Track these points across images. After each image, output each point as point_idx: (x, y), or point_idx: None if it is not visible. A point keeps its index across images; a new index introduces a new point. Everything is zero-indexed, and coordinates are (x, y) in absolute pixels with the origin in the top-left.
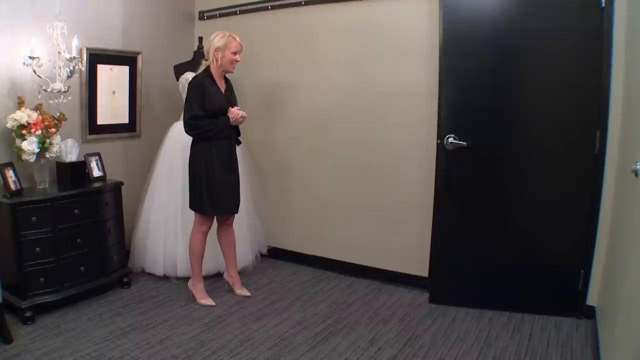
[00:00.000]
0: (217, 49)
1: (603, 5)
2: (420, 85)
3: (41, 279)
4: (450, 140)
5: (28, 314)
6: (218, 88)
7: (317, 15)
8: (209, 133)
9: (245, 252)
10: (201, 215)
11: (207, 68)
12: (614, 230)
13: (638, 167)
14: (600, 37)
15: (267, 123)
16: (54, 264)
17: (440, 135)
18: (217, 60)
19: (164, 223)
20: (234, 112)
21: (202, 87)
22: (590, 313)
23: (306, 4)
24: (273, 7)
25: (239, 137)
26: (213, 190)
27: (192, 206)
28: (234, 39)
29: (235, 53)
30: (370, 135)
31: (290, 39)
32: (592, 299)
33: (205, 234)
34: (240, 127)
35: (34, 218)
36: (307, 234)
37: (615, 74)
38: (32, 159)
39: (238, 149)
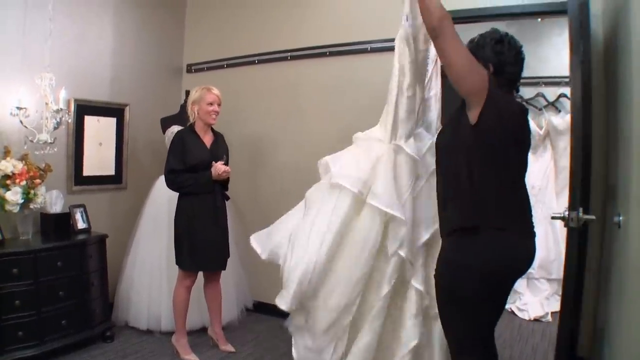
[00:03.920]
0: (193, 102)
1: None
2: None
3: (20, 332)
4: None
5: None
6: (201, 142)
7: (303, 69)
8: (188, 188)
9: (230, 306)
10: (184, 270)
11: (192, 123)
12: (600, 281)
13: (620, 219)
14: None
15: (253, 176)
16: (35, 317)
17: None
18: (194, 114)
19: (149, 276)
20: (217, 167)
21: (183, 141)
22: None
23: (292, 58)
24: (260, 61)
25: (226, 192)
26: (196, 247)
27: (177, 262)
28: (209, 91)
29: (211, 104)
30: None
31: (277, 93)
32: (581, 351)
33: (189, 288)
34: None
35: (15, 270)
36: None
37: (595, 124)
38: (16, 209)
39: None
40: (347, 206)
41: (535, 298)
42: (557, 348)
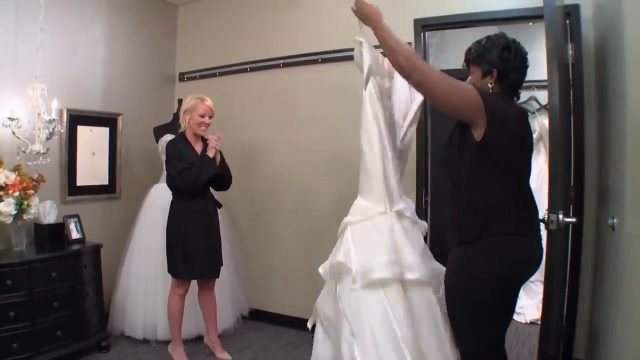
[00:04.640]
0: (185, 111)
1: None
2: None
3: (14, 344)
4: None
5: None
6: (194, 150)
7: (296, 76)
8: (198, 176)
9: (226, 314)
10: (177, 279)
11: (183, 131)
12: (595, 282)
13: (614, 221)
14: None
15: (246, 182)
16: (29, 328)
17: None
18: (186, 122)
19: (144, 285)
20: (210, 144)
21: (176, 147)
22: None
23: (285, 65)
24: (252, 69)
25: (219, 201)
26: (188, 255)
27: (169, 270)
28: (202, 101)
29: (202, 116)
30: (349, 194)
31: (269, 100)
32: (578, 352)
33: (183, 296)
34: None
35: (9, 281)
36: (288, 295)
37: (587, 127)
38: (9, 220)
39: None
40: (397, 296)
41: (531, 301)
42: (539, 351)
